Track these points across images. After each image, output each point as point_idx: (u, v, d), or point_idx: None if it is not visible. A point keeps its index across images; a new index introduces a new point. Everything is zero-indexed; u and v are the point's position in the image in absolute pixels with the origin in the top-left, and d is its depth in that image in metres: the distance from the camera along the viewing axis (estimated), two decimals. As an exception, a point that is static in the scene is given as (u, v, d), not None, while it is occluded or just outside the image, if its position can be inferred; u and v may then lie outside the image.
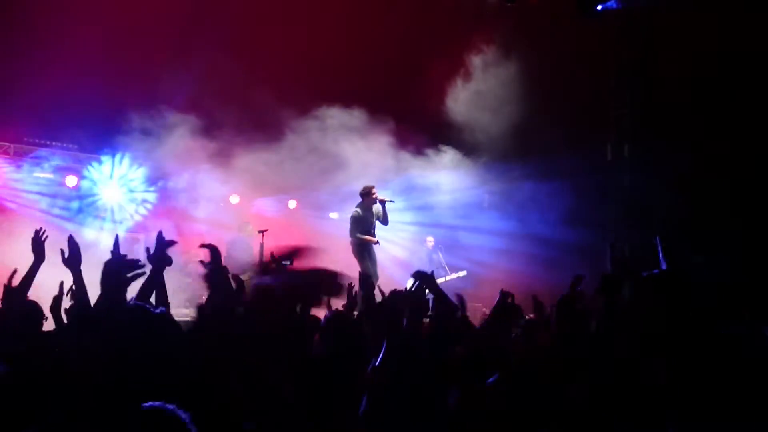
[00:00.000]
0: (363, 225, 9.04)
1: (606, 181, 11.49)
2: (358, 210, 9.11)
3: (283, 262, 6.96)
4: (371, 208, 9.14)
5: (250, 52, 10.51)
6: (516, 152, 11.22)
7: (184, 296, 8.69)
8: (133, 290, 3.21)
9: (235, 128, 10.69)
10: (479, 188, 12.35)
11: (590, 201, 11.11)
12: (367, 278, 4.50)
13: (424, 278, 3.65)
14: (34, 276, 3.86)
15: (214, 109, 10.49)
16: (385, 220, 9.30)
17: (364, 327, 3.76)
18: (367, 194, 9.13)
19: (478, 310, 9.35)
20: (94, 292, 3.56)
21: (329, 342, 3.45)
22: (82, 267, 3.50)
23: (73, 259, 3.37)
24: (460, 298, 4.47)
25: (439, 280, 10.90)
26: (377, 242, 9.29)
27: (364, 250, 9.04)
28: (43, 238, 3.82)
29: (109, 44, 9.88)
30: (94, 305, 3.08)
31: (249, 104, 10.38)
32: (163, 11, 10.12)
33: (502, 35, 11.21)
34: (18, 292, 3.76)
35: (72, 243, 3.41)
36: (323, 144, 11.16)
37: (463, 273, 11.18)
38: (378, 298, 4.68)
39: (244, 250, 10.38)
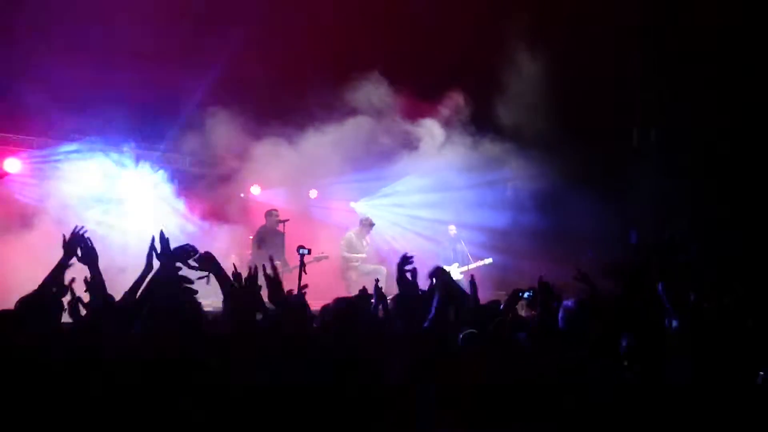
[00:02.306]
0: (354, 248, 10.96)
1: (633, 168, 11.28)
2: (352, 234, 11.03)
3: (301, 252, 6.90)
4: (364, 238, 11.08)
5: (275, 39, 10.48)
6: (539, 140, 11.04)
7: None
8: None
9: (260, 118, 10.67)
10: (502, 177, 12.17)
11: (616, 189, 10.92)
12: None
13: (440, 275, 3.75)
14: (63, 271, 3.77)
15: (238, 98, 10.49)
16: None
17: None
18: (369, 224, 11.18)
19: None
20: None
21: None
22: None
23: (88, 256, 3.39)
24: (472, 278, 4.59)
25: (464, 269, 10.86)
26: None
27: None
28: (83, 233, 3.61)
29: (133, 36, 9.89)
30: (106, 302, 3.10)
31: (274, 93, 10.38)
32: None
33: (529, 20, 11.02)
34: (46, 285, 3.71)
35: (83, 240, 3.41)
36: (347, 132, 11.13)
37: (489, 260, 11.10)
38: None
39: (272, 238, 10.41)
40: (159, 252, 3.35)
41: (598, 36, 10.40)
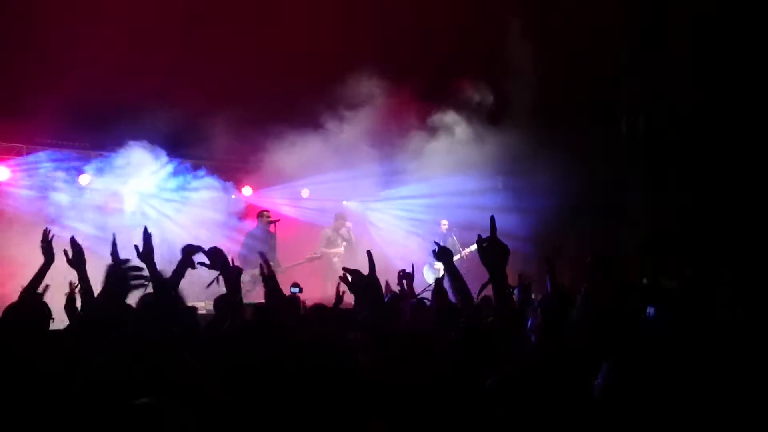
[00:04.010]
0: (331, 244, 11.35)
1: (620, 157, 11.28)
2: (328, 231, 11.38)
3: (292, 290, 6.77)
4: (340, 233, 11.44)
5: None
6: (527, 129, 11.00)
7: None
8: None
9: (255, 118, 10.62)
10: (493, 169, 12.09)
11: (604, 178, 10.93)
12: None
13: (444, 255, 3.71)
14: (44, 276, 3.88)
15: (227, 96, 10.43)
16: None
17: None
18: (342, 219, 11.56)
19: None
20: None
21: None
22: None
23: (77, 259, 3.42)
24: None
25: (455, 257, 10.82)
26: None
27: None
28: (50, 237, 3.83)
29: (119, 40, 9.85)
30: (95, 306, 3.11)
31: (269, 91, 10.34)
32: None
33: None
34: (27, 291, 3.77)
35: (74, 244, 3.45)
36: (338, 128, 11.11)
37: (474, 247, 11.03)
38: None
39: (264, 239, 10.43)
40: (141, 252, 3.37)
41: (586, 23, 10.39)
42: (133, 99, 9.84)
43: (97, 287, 3.55)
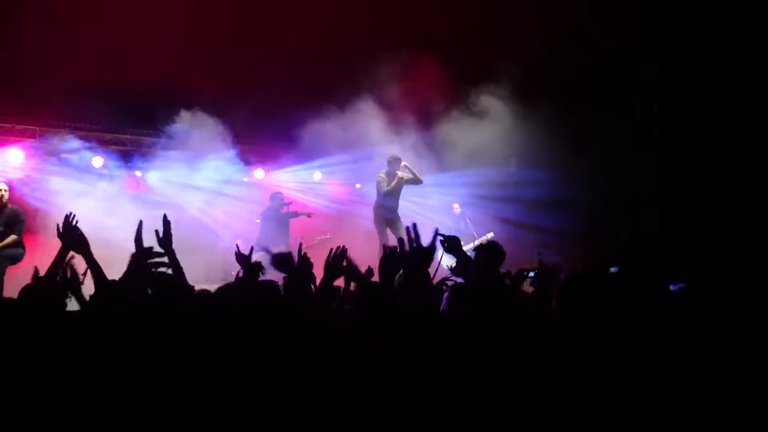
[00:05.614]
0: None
1: (635, 141, 11.15)
2: (383, 175, 9.84)
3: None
4: (394, 177, 9.80)
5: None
6: (540, 111, 10.86)
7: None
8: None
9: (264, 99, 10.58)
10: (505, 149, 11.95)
11: (618, 163, 10.81)
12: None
13: (453, 246, 3.72)
14: (63, 260, 3.78)
15: (235, 76, 10.40)
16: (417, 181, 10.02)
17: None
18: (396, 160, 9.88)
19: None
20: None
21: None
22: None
23: (80, 243, 3.42)
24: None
25: (468, 246, 10.80)
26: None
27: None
28: (75, 222, 3.67)
29: (128, 23, 9.81)
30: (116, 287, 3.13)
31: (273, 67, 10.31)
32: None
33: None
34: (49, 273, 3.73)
35: (75, 228, 3.44)
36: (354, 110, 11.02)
37: (490, 234, 10.98)
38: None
39: (276, 221, 10.44)
40: (160, 239, 3.38)
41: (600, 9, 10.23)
42: (146, 82, 9.82)
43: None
